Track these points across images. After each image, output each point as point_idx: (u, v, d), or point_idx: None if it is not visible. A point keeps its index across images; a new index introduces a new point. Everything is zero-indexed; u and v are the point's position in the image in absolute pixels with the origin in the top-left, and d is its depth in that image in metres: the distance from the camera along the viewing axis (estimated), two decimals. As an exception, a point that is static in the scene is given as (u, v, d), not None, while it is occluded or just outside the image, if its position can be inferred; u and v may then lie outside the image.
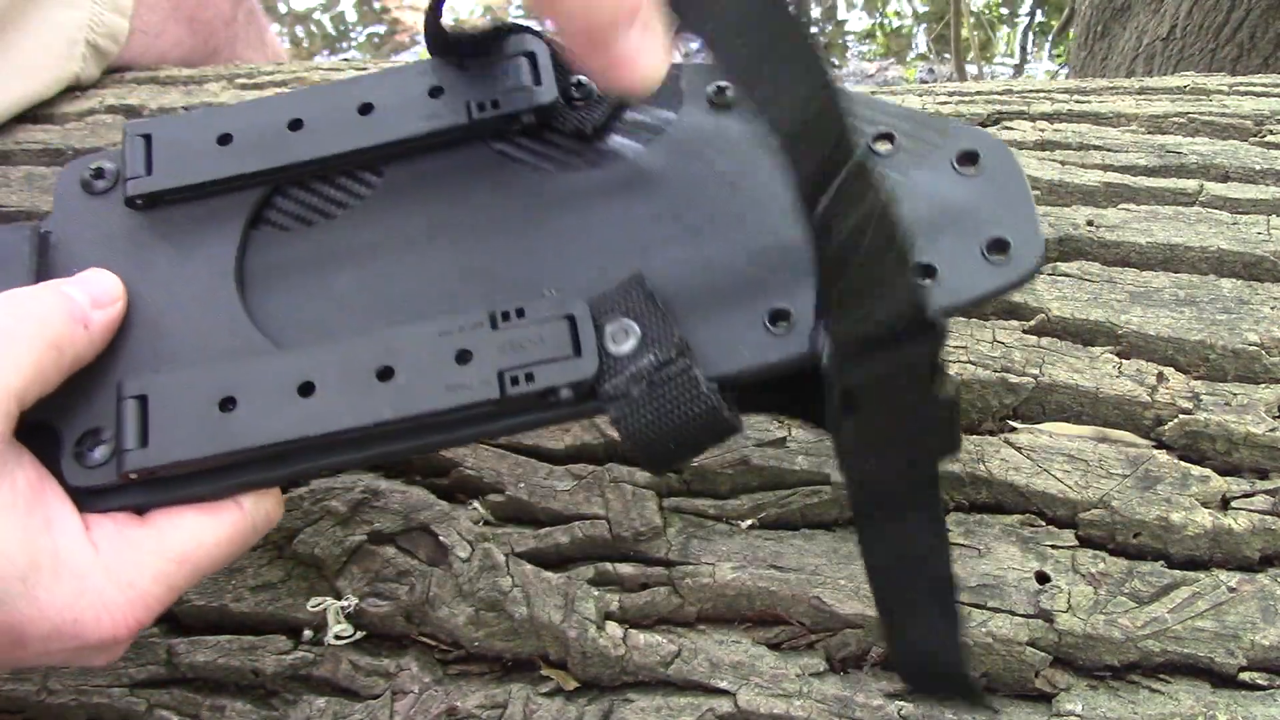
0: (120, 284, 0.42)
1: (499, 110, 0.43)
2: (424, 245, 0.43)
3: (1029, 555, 0.48)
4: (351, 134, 0.44)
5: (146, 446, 0.38)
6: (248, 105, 0.46)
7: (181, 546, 0.39)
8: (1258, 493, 0.49)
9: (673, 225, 0.41)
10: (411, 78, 0.45)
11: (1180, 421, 0.51)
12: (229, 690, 0.51)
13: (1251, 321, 0.54)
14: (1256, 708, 0.45)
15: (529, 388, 0.37)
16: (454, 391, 0.37)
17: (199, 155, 0.44)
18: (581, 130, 0.43)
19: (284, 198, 0.45)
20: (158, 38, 0.82)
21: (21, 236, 0.43)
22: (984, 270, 0.38)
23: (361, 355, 0.39)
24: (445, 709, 0.49)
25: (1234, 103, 0.72)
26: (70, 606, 0.37)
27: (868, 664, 0.48)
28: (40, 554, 0.36)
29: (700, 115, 0.43)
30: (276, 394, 0.39)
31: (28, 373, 0.37)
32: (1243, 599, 0.47)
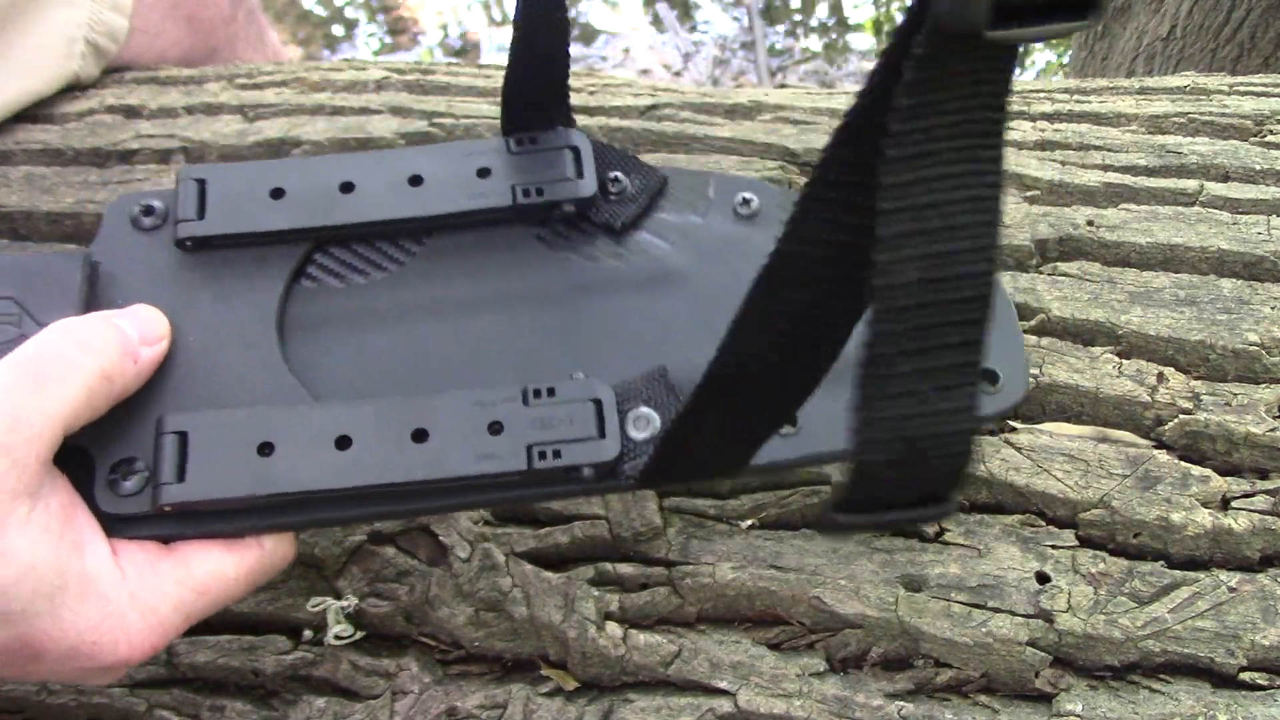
0: (166, 322, 0.43)
1: (543, 198, 0.46)
2: (460, 315, 0.45)
3: (1029, 555, 0.48)
4: (400, 203, 0.46)
5: (184, 482, 0.40)
6: (302, 162, 0.49)
7: (203, 579, 0.40)
8: (1258, 493, 0.49)
9: (695, 324, 0.43)
10: (461, 156, 0.47)
11: (1180, 421, 0.51)
12: (229, 690, 0.51)
13: (1252, 321, 0.54)
14: (1256, 708, 0.45)
15: (555, 463, 0.39)
16: (485, 460, 0.40)
17: (251, 206, 0.46)
18: (612, 225, 0.46)
19: (327, 255, 0.47)
20: (157, 37, 0.82)
21: (75, 265, 0.45)
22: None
23: (399, 415, 0.41)
24: (445, 709, 0.49)
25: (1234, 103, 0.72)
26: (92, 628, 0.38)
27: (868, 664, 0.48)
28: (69, 575, 0.37)
29: (726, 223, 0.46)
30: (314, 444, 0.40)
31: (77, 402, 0.38)
32: (1243, 599, 0.47)
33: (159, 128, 0.72)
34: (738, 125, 0.70)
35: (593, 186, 0.46)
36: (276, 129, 0.70)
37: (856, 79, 2.82)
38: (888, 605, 0.48)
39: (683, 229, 0.46)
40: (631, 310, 0.44)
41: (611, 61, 2.87)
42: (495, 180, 0.46)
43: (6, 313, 0.43)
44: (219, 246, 0.46)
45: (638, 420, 0.40)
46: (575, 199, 0.46)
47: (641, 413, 0.40)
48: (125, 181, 0.67)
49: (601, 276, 0.46)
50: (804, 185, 0.29)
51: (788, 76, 2.84)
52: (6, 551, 0.36)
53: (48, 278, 0.44)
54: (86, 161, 0.70)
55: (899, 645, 0.48)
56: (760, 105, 0.72)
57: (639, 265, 0.46)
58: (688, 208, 0.47)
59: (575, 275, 0.46)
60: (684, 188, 0.47)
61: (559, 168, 0.47)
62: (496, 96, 0.74)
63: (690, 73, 2.83)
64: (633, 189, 0.47)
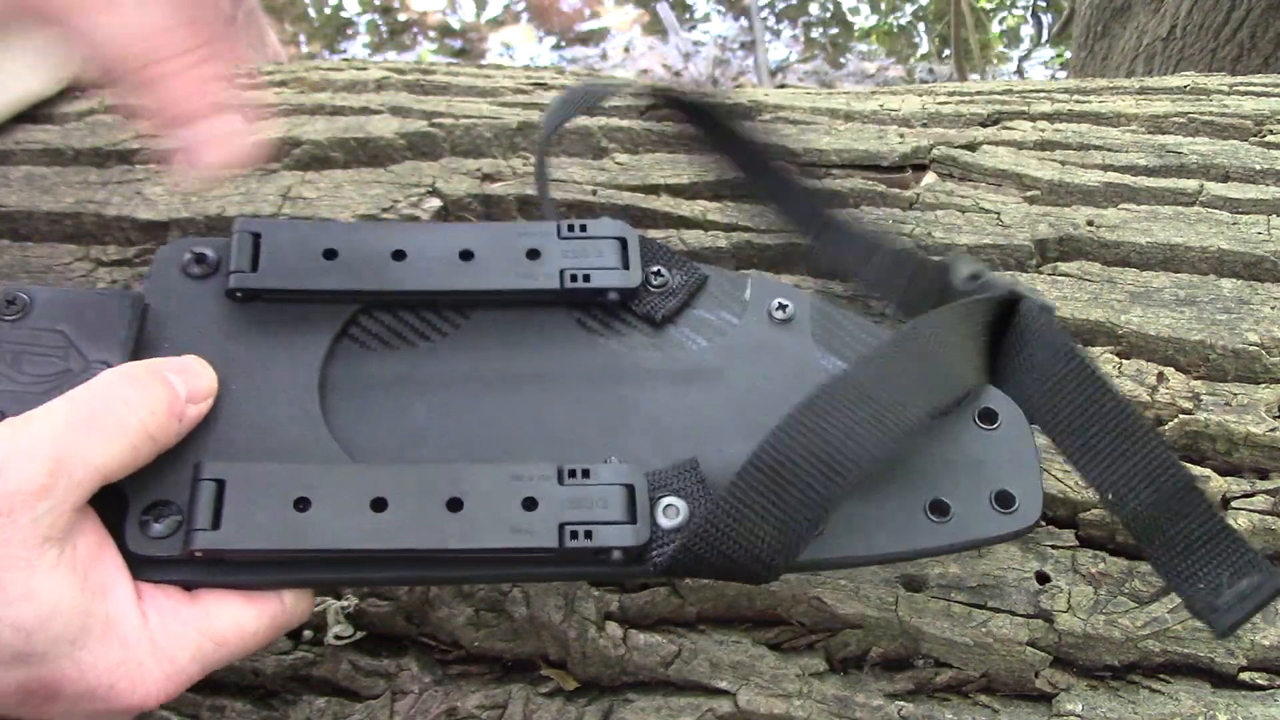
0: (214, 378, 0.43)
1: (589, 285, 0.47)
2: (500, 391, 0.46)
3: (1029, 555, 0.48)
4: (449, 275, 0.48)
5: (218, 530, 0.40)
6: (358, 226, 0.51)
7: (223, 630, 0.40)
8: (1258, 493, 0.49)
9: (726, 420, 0.45)
10: (513, 236, 0.49)
11: (1180, 421, 0.51)
12: (229, 690, 0.51)
13: (1251, 321, 0.54)
14: (1256, 708, 0.45)
15: (585, 544, 0.40)
16: (517, 534, 0.40)
17: (304, 264, 0.47)
18: (652, 317, 0.48)
19: (373, 319, 0.48)
20: (157, 37, 0.82)
21: (125, 303, 0.45)
22: (991, 518, 0.43)
23: (435, 482, 0.41)
24: (445, 709, 0.49)
25: (1234, 103, 0.72)
26: (110, 672, 0.38)
27: (868, 664, 0.48)
28: (93, 619, 0.37)
29: (761, 326, 0.48)
30: (350, 503, 0.41)
31: (122, 456, 0.39)
32: (1243, 599, 0.47)
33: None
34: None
35: (638, 277, 0.48)
36: (276, 129, 0.70)
37: (857, 79, 2.82)
38: (888, 605, 0.48)
39: (719, 327, 0.48)
40: (665, 401, 0.46)
41: (611, 61, 2.87)
42: (544, 263, 0.48)
43: (55, 345, 0.44)
44: (268, 300, 0.47)
45: (667, 509, 0.41)
46: (620, 288, 0.48)
47: (671, 502, 0.41)
48: (125, 181, 0.67)
49: (639, 366, 0.47)
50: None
51: (788, 76, 2.84)
52: (33, 593, 0.36)
53: (98, 314, 0.45)
54: (86, 161, 0.70)
55: (899, 645, 0.48)
56: (760, 105, 0.72)
57: (675, 358, 0.47)
58: (724, 307, 0.48)
59: (613, 361, 0.47)
60: (722, 288, 0.49)
61: (606, 256, 0.48)
62: (496, 96, 0.74)
63: (690, 73, 2.83)
64: (674, 284, 0.49)
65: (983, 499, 0.43)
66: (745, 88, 1.44)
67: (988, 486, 0.43)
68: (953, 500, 0.43)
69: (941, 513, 0.43)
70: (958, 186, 0.64)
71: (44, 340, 0.44)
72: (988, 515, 0.43)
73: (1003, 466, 0.44)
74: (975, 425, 0.45)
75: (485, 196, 0.64)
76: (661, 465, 0.43)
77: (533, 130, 0.69)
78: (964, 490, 0.43)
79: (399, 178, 0.66)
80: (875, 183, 0.64)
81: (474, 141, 0.68)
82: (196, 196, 0.65)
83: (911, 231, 0.60)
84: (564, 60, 2.92)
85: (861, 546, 0.42)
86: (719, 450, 0.44)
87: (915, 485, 0.43)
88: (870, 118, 0.71)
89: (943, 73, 2.81)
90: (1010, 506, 0.43)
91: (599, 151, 0.68)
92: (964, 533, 0.43)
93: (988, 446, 0.45)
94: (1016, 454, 0.45)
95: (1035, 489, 0.44)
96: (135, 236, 0.64)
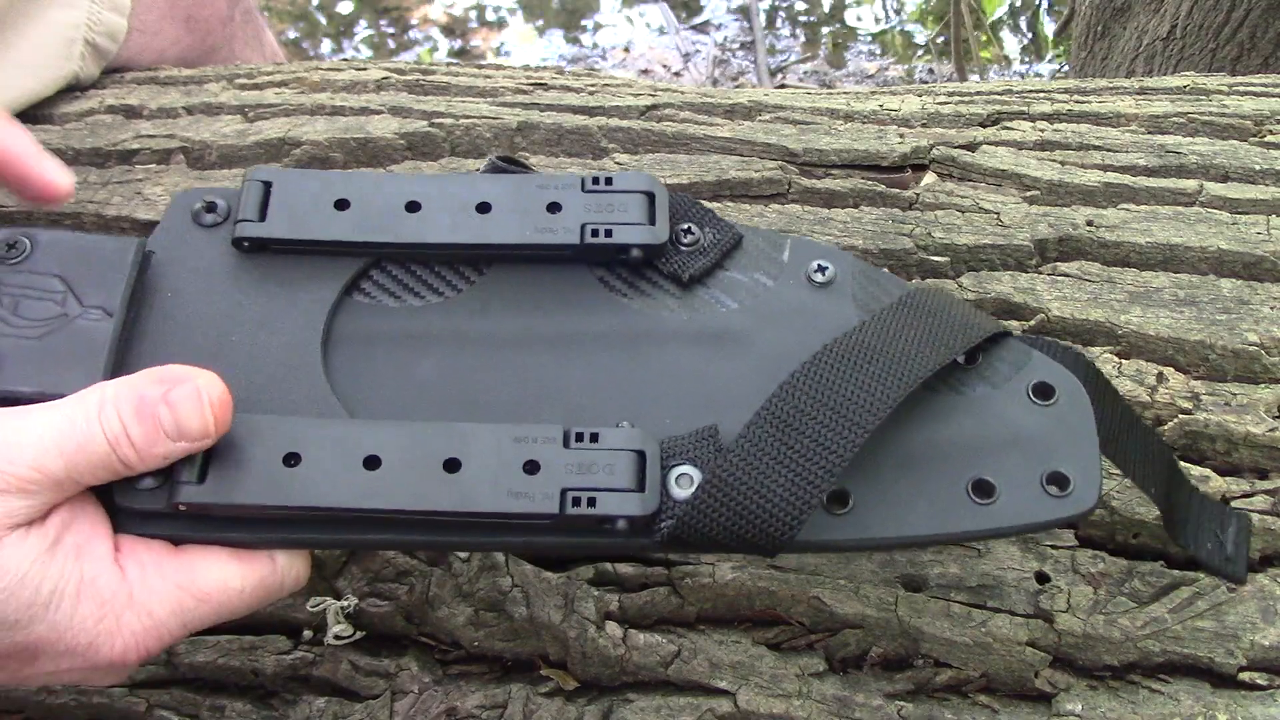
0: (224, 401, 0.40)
1: (611, 240, 0.45)
2: (511, 350, 0.44)
3: (1029, 555, 0.48)
4: (465, 228, 0.45)
5: (203, 483, 0.39)
6: (370, 176, 0.48)
7: (207, 586, 0.39)
8: (1258, 493, 0.49)
9: (753, 388, 0.42)
10: (534, 189, 0.46)
11: (1180, 421, 0.51)
12: (229, 690, 0.51)
13: (1251, 321, 0.54)
14: (1256, 708, 0.45)
15: (588, 511, 0.38)
16: (515, 498, 0.38)
17: (314, 214, 0.45)
18: (679, 276, 0.45)
19: (384, 273, 0.46)
20: (155, 36, 0.82)
21: (127, 250, 0.44)
22: (1041, 501, 0.39)
23: (432, 442, 0.39)
24: (445, 709, 0.49)
25: (1234, 103, 0.72)
26: (87, 630, 0.38)
27: (868, 664, 0.48)
28: (65, 581, 0.37)
29: (798, 289, 0.45)
30: (342, 461, 0.39)
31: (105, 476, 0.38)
32: (1243, 599, 0.47)
33: (159, 128, 0.72)
34: (738, 125, 0.70)
35: (664, 234, 0.45)
36: (276, 129, 0.70)
37: (857, 79, 2.82)
38: (887, 605, 0.48)
39: (752, 290, 0.45)
40: (689, 365, 0.43)
41: (611, 61, 2.87)
42: (565, 216, 0.45)
43: (52, 290, 0.42)
44: (276, 251, 0.45)
45: (680, 479, 0.39)
46: (644, 244, 0.44)
47: (685, 471, 0.39)
48: (125, 181, 0.67)
49: (662, 327, 0.44)
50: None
51: (788, 76, 2.84)
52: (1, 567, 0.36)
53: (98, 260, 0.43)
54: (86, 161, 0.70)
55: (899, 645, 0.48)
56: (760, 105, 0.72)
57: (702, 321, 0.44)
58: (759, 269, 0.45)
59: (634, 323, 0.45)
60: (758, 248, 0.46)
61: (631, 211, 0.45)
62: (496, 96, 0.74)
63: (690, 73, 2.83)
64: (705, 242, 0.46)
65: (1033, 480, 0.40)
66: (745, 88, 1.44)
67: (1039, 466, 0.40)
68: (999, 480, 0.40)
69: (985, 493, 0.39)
70: (958, 186, 0.64)
71: (42, 285, 0.43)
72: (1038, 498, 0.39)
73: (1058, 445, 0.40)
74: (1029, 400, 0.42)
75: (485, 196, 0.64)
76: (679, 433, 0.40)
77: (533, 130, 0.69)
78: (1012, 469, 0.40)
79: (399, 178, 0.66)
80: (875, 183, 0.64)
81: (474, 141, 0.68)
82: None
83: (911, 231, 0.60)
84: (564, 60, 2.92)
85: (894, 527, 0.39)
86: (743, 419, 0.40)
87: (957, 462, 0.40)
88: (870, 118, 0.71)
89: (943, 73, 2.81)
90: (1065, 489, 0.39)
91: (599, 151, 0.68)
92: (1010, 516, 0.39)
93: (1041, 423, 0.41)
94: (1074, 432, 0.41)
95: (1093, 469, 0.40)
96: (135, 236, 0.64)
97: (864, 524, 0.39)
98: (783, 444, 0.38)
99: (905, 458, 0.40)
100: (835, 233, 0.60)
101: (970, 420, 0.41)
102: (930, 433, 0.41)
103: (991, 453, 0.40)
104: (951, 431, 0.41)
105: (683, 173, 0.65)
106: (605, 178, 0.46)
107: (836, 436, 0.38)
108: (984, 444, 0.41)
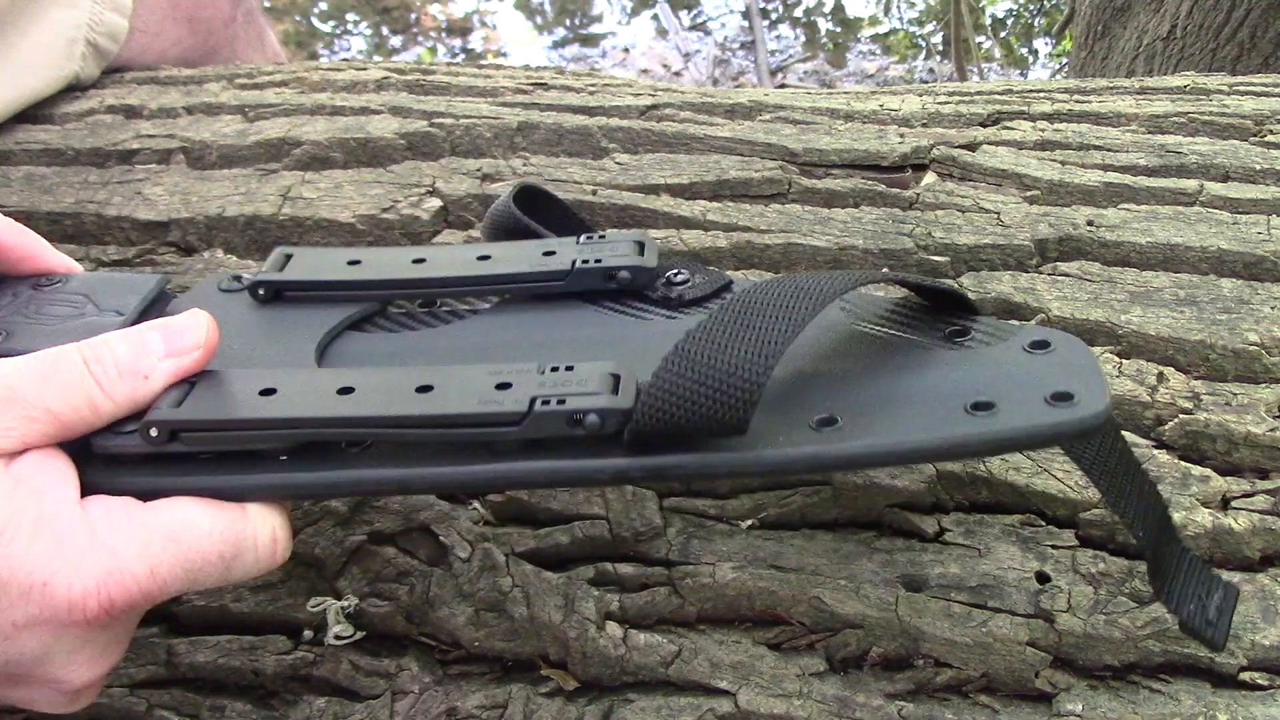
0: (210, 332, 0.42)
1: (600, 264, 0.48)
2: (500, 350, 0.46)
3: (1029, 555, 0.48)
4: (466, 269, 0.49)
5: (178, 408, 0.40)
6: (382, 249, 0.55)
7: (173, 525, 0.38)
8: (1258, 493, 0.49)
9: None
10: (530, 245, 0.50)
11: (1180, 421, 0.51)
12: (229, 690, 0.51)
13: (1251, 321, 0.54)
14: (1256, 708, 0.45)
15: (557, 409, 0.38)
16: (484, 404, 0.39)
17: (326, 267, 0.50)
18: (669, 298, 0.48)
19: (386, 317, 0.49)
20: (157, 37, 0.82)
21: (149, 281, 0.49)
22: (1043, 411, 0.38)
23: (409, 376, 0.41)
24: (445, 709, 0.49)
25: (1234, 103, 0.72)
26: (43, 566, 0.36)
27: (868, 664, 0.48)
28: (23, 512, 0.37)
29: None
30: (316, 392, 0.41)
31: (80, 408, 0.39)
32: (1243, 599, 0.47)
33: (159, 128, 0.72)
34: (738, 125, 0.70)
35: (654, 261, 0.48)
36: (277, 129, 0.70)
37: (857, 79, 2.82)
38: (888, 605, 0.48)
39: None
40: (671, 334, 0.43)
41: (611, 61, 2.87)
42: (559, 258, 0.49)
43: (78, 303, 0.48)
44: (290, 298, 0.49)
45: None
46: (632, 266, 0.47)
47: None
48: (125, 181, 0.67)
49: (656, 329, 0.46)
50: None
51: (788, 76, 2.84)
52: None
53: (122, 284, 0.49)
54: (86, 161, 0.70)
55: (899, 645, 0.48)
56: (760, 105, 0.72)
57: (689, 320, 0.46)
58: None
59: (627, 329, 0.47)
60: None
61: (620, 249, 0.49)
62: (496, 96, 0.74)
63: (690, 73, 2.83)
64: (695, 281, 0.49)
65: (1035, 398, 0.38)
66: (745, 88, 1.44)
67: (1040, 391, 0.38)
68: (999, 399, 0.38)
69: (984, 409, 0.38)
70: (958, 186, 0.64)
71: (69, 300, 0.48)
72: (1040, 409, 0.38)
73: (1059, 375, 0.39)
74: (1025, 350, 0.41)
75: (485, 196, 0.64)
76: None
77: (533, 130, 0.69)
78: (1012, 391, 0.39)
79: (399, 178, 0.66)
80: (875, 183, 0.64)
81: (474, 141, 0.68)
82: (197, 196, 0.65)
83: (912, 231, 0.60)
84: (564, 60, 2.92)
85: (885, 435, 0.38)
86: None
87: (954, 395, 0.39)
88: (870, 118, 0.71)
89: (943, 72, 2.81)
90: (1069, 401, 0.38)
91: (599, 151, 0.68)
92: (1011, 424, 0.37)
93: (1041, 363, 0.41)
94: (1074, 365, 0.40)
95: (1097, 385, 0.38)
96: (135, 236, 0.64)
97: (854, 435, 0.38)
98: (740, 324, 0.38)
99: (900, 395, 0.40)
100: (835, 233, 0.60)
101: (967, 365, 0.41)
102: (924, 377, 0.41)
103: (991, 384, 0.40)
104: (947, 374, 0.41)
105: (683, 173, 0.65)
106: (600, 234, 0.50)
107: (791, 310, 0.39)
108: (982, 379, 0.40)
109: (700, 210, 0.63)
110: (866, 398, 0.40)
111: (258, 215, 0.64)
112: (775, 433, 0.39)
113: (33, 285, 0.49)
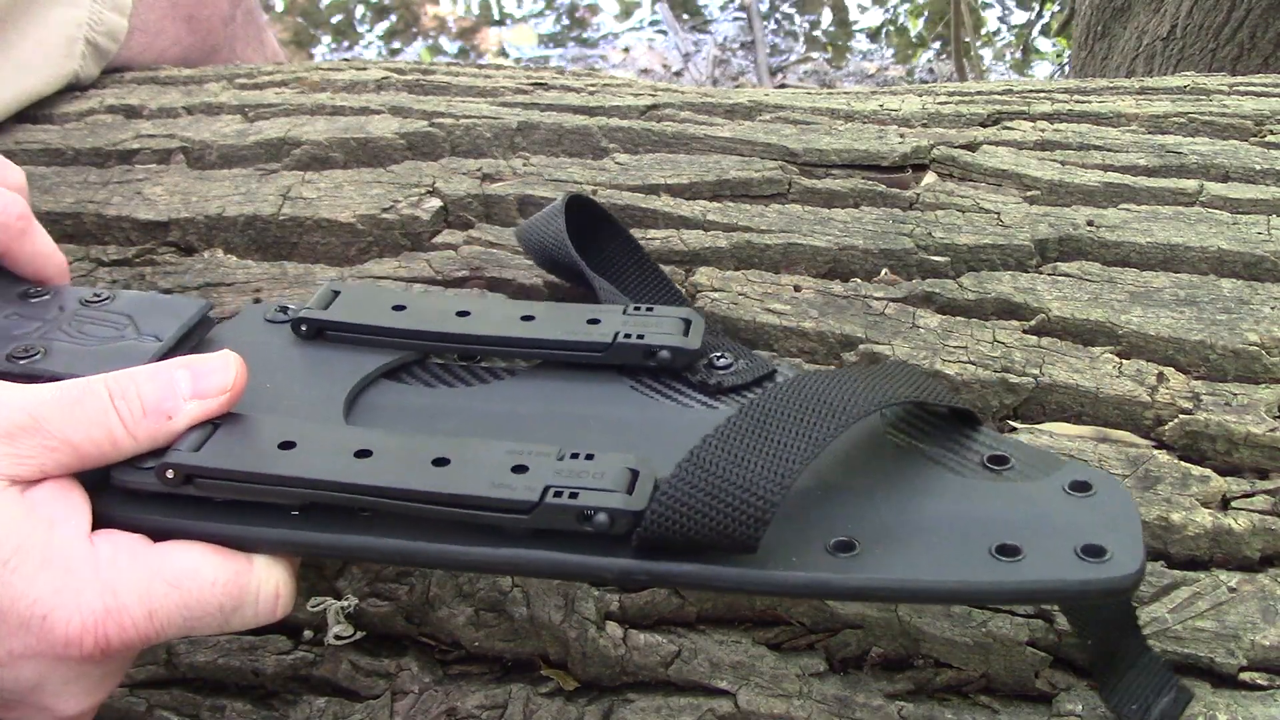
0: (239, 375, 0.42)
1: (642, 341, 0.47)
2: (529, 423, 0.46)
3: (1029, 555, 0.48)
4: (508, 329, 0.49)
5: (197, 452, 0.40)
6: (428, 294, 0.56)
7: (177, 571, 0.38)
8: (1258, 493, 0.49)
9: None
10: (575, 311, 0.50)
11: (1180, 421, 0.51)
12: (229, 690, 0.51)
13: (1252, 321, 0.54)
14: (1256, 708, 0.45)
15: (568, 503, 0.37)
16: (497, 488, 0.38)
17: (371, 309, 0.50)
18: (710, 387, 0.47)
19: (425, 368, 0.49)
20: (156, 36, 0.82)
21: (192, 305, 0.50)
22: (1072, 564, 0.37)
23: (427, 446, 0.41)
24: (445, 709, 0.49)
25: (1234, 103, 0.72)
26: (44, 599, 0.36)
27: (868, 664, 0.48)
28: (31, 542, 0.37)
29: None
30: (334, 450, 0.41)
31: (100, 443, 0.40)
32: (1243, 599, 0.47)
33: (159, 128, 0.72)
34: (738, 125, 0.70)
35: (696, 343, 0.47)
36: (277, 129, 0.70)
37: (857, 79, 2.82)
38: (888, 605, 0.48)
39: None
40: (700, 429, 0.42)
41: (611, 61, 2.87)
42: (602, 327, 0.48)
43: (119, 323, 0.49)
44: (331, 337, 0.49)
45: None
46: (674, 347, 0.47)
47: None
48: (125, 181, 0.67)
49: (689, 418, 0.45)
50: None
51: (788, 76, 2.84)
52: None
53: (166, 307, 0.50)
54: (86, 161, 0.70)
55: (899, 645, 0.48)
56: (760, 105, 0.72)
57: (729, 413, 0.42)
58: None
59: (660, 413, 0.46)
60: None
61: (665, 326, 0.48)
62: (496, 96, 0.74)
63: (690, 73, 2.83)
64: (738, 367, 0.48)
65: (1064, 548, 0.37)
66: (745, 88, 1.44)
67: (1072, 540, 0.37)
68: (1026, 545, 0.37)
69: (1010, 554, 0.37)
70: (958, 186, 0.64)
71: (112, 320, 0.49)
72: (1069, 561, 0.36)
73: (1094, 524, 0.38)
74: (1063, 492, 0.40)
75: (485, 196, 0.64)
76: None
77: (533, 130, 0.69)
78: (1041, 538, 0.37)
79: (399, 178, 0.66)
80: (875, 183, 0.64)
81: (474, 141, 0.68)
82: (196, 196, 0.65)
83: (912, 231, 0.60)
84: (564, 60, 2.92)
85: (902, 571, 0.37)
86: None
87: (981, 532, 0.38)
88: (870, 118, 0.71)
89: (943, 72, 2.81)
90: (1100, 557, 0.36)
91: (599, 151, 0.68)
92: (1035, 574, 0.36)
93: (1077, 507, 0.39)
94: (1113, 514, 0.38)
95: (1135, 543, 0.37)
96: (135, 236, 0.64)
97: (869, 567, 0.37)
98: (760, 435, 0.38)
99: (925, 524, 0.39)
100: (835, 233, 0.60)
101: (1000, 501, 0.40)
102: (952, 507, 0.40)
103: (1020, 526, 0.38)
104: (977, 507, 0.39)
105: (683, 173, 0.65)
106: (648, 307, 0.49)
107: (815, 427, 0.38)
108: (1013, 519, 0.39)
109: (700, 210, 0.63)
110: (888, 522, 0.39)
111: (258, 215, 0.64)
112: (789, 551, 0.38)
113: (81, 300, 0.50)
